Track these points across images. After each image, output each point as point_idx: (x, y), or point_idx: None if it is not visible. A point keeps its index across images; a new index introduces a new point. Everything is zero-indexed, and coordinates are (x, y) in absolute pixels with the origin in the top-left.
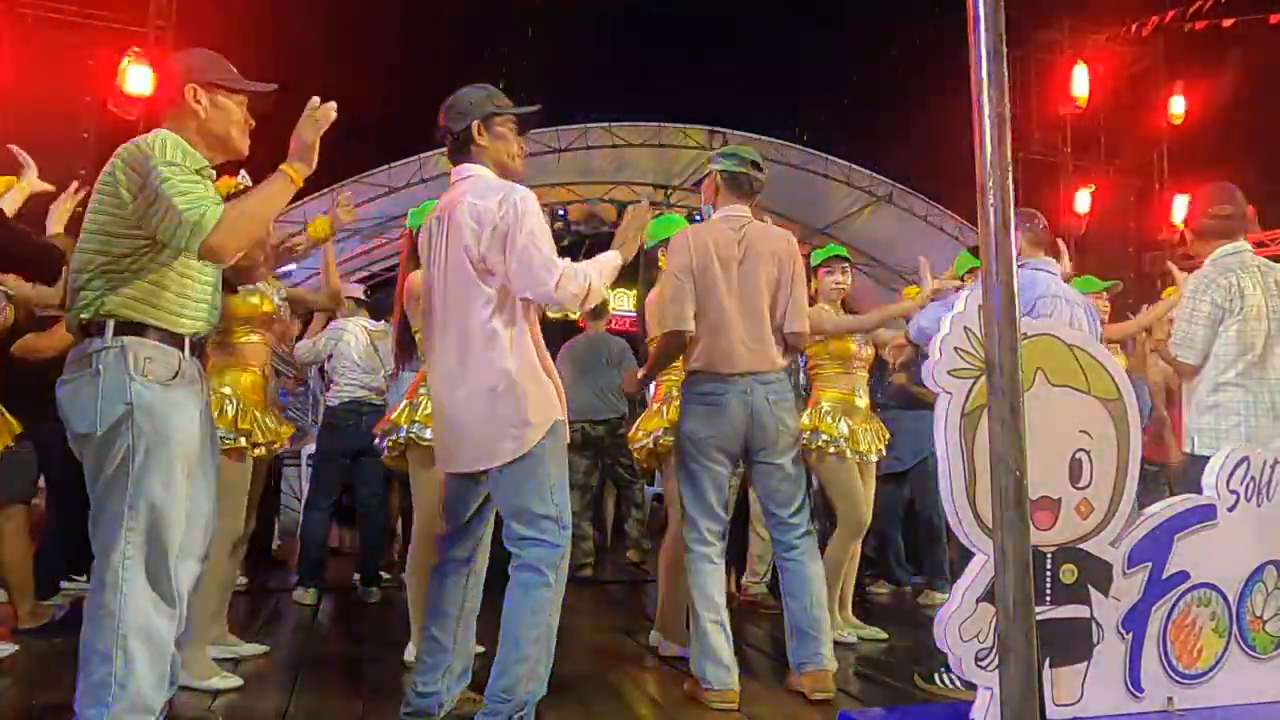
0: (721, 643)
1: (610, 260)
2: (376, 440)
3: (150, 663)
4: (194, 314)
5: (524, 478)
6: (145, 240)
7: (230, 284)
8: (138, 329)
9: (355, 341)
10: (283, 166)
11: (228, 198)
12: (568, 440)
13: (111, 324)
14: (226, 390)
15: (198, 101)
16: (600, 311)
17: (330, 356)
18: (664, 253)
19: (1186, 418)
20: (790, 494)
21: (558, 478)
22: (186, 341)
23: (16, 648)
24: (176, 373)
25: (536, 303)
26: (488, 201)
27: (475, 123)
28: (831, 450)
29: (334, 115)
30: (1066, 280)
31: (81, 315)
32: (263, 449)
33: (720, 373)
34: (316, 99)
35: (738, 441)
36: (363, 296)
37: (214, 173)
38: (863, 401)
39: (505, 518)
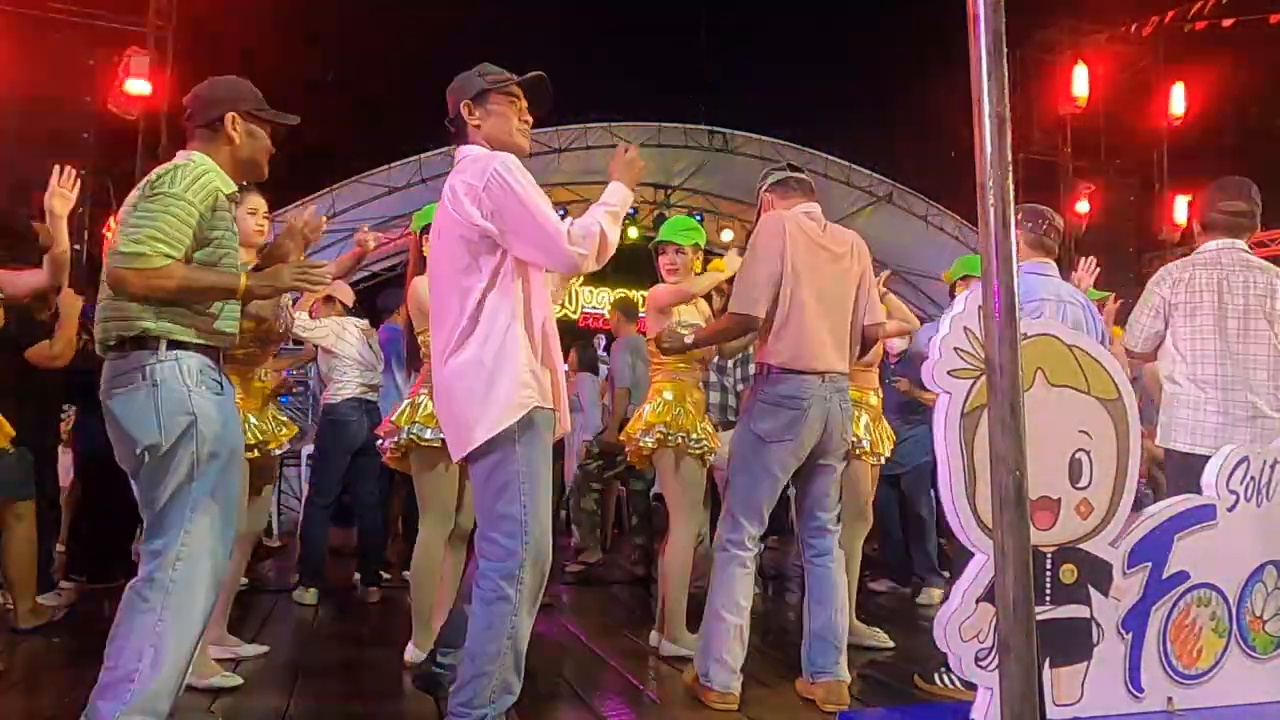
0: (735, 646)
1: (616, 197)
2: (380, 441)
3: (175, 666)
4: (227, 327)
5: (489, 470)
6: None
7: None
8: (184, 344)
9: (353, 340)
10: (244, 276)
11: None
12: (561, 433)
13: (164, 340)
14: None
15: (235, 129)
16: (633, 313)
17: (328, 353)
18: (657, 252)
19: (1162, 412)
20: (835, 499)
21: (528, 477)
22: (220, 353)
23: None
24: (221, 383)
25: (558, 271)
26: (466, 176)
27: (465, 103)
28: (857, 452)
29: (317, 235)
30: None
31: (124, 332)
32: (255, 452)
33: (804, 370)
34: (304, 261)
35: (809, 449)
36: (349, 304)
37: (240, 196)
38: (875, 400)
39: (475, 512)
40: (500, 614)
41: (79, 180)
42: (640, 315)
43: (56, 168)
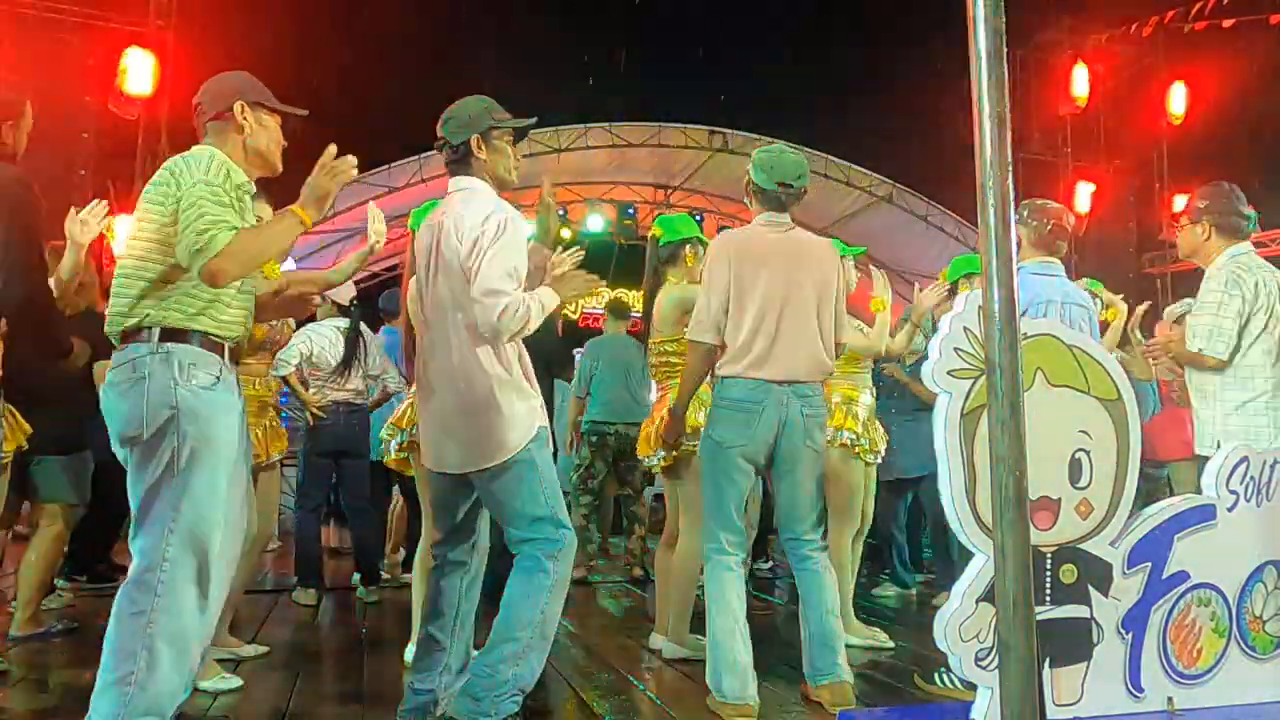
0: (739, 651)
1: (550, 298)
2: (384, 443)
3: (173, 666)
4: (234, 320)
5: (515, 483)
6: None
7: None
8: (182, 335)
9: (329, 345)
10: (294, 208)
11: None
12: (552, 448)
13: (157, 330)
14: None
15: (244, 118)
16: (622, 313)
17: (308, 358)
18: (690, 252)
19: (1206, 418)
20: (808, 509)
21: (549, 479)
22: (226, 348)
23: (8, 665)
24: (218, 378)
25: (476, 325)
26: (474, 216)
27: (475, 137)
28: (855, 450)
29: (354, 172)
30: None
31: (126, 323)
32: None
33: (758, 379)
34: (333, 148)
35: (765, 453)
36: (348, 304)
37: (253, 188)
38: (869, 399)
39: (502, 524)
40: (540, 584)
41: (107, 213)
42: (630, 316)
43: (97, 201)
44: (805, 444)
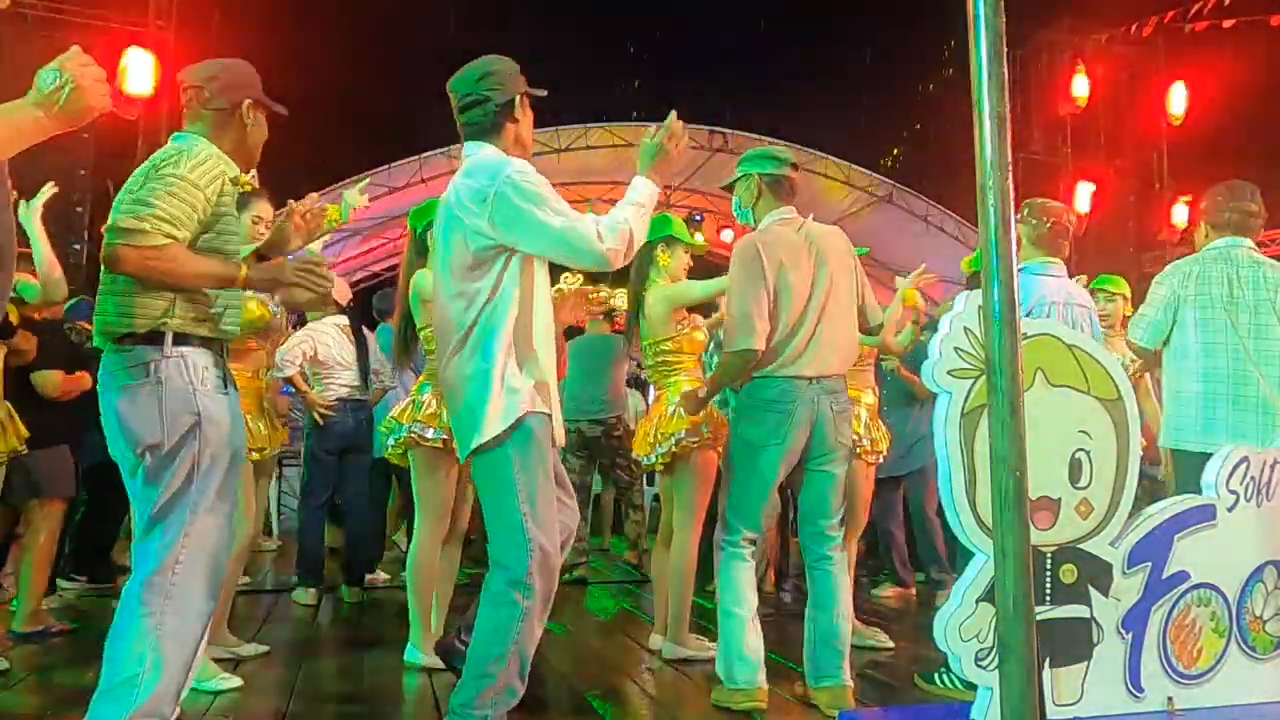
0: (751, 638)
1: (643, 194)
2: (383, 437)
3: (178, 669)
4: (230, 320)
5: (486, 478)
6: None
7: None
8: (192, 339)
9: (333, 341)
10: (245, 267)
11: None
12: (558, 444)
13: (170, 334)
14: None
15: (249, 117)
16: (609, 314)
17: (311, 359)
18: (663, 251)
19: (1160, 409)
20: (835, 504)
21: (526, 484)
22: (224, 348)
23: (7, 665)
24: (224, 379)
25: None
26: (479, 181)
27: (518, 96)
28: (858, 451)
29: (328, 285)
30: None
31: (128, 324)
32: (255, 454)
33: (792, 376)
34: (319, 252)
35: (799, 452)
36: (344, 304)
37: (245, 177)
38: (870, 400)
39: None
40: (507, 619)
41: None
42: (618, 316)
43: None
44: (836, 438)
